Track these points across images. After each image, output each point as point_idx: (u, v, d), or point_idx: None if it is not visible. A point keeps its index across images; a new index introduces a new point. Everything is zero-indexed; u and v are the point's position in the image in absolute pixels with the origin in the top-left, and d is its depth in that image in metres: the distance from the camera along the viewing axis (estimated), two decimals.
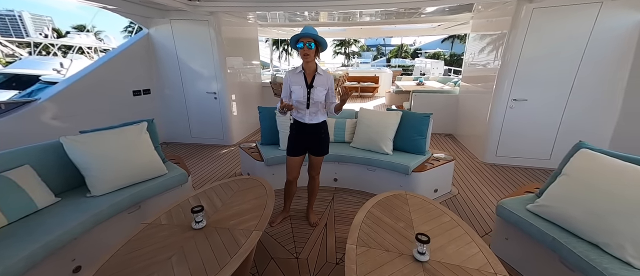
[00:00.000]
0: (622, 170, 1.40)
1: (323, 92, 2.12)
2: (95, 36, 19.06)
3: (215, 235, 1.60)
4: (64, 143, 2.00)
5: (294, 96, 2.15)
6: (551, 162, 3.77)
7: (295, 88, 2.12)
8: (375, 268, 1.31)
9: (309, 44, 1.97)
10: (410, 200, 1.94)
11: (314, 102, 2.11)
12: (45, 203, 1.85)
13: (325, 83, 2.12)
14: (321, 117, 2.20)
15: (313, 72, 2.10)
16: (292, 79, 2.14)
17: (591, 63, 3.30)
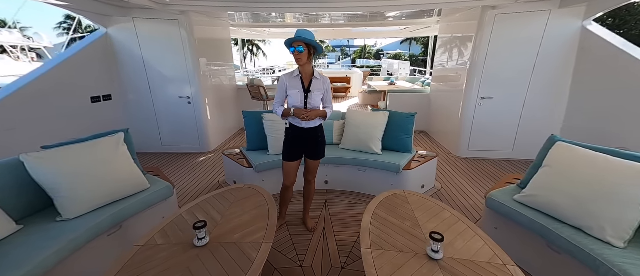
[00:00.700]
0: (595, 160, 1.61)
1: (320, 96, 2.11)
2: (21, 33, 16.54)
3: (221, 251, 1.50)
4: (26, 162, 1.72)
5: (291, 101, 2.10)
6: (514, 153, 4.18)
7: (292, 93, 2.07)
8: (395, 270, 1.33)
9: (299, 48, 1.92)
10: (410, 199, 2.01)
11: (312, 106, 2.08)
12: (5, 233, 1.58)
13: (322, 88, 2.10)
14: (318, 121, 2.18)
15: (310, 76, 2.07)
16: (288, 83, 2.09)
17: (543, 65, 3.72)
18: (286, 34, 8.91)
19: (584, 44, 3.56)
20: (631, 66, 3.04)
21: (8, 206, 1.70)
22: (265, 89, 4.93)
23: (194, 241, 1.54)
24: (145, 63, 4.06)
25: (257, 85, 4.90)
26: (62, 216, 1.75)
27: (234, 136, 5.41)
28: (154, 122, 4.37)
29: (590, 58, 3.51)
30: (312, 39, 1.90)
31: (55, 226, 1.71)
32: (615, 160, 1.56)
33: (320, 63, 28.51)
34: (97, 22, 3.85)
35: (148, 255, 1.46)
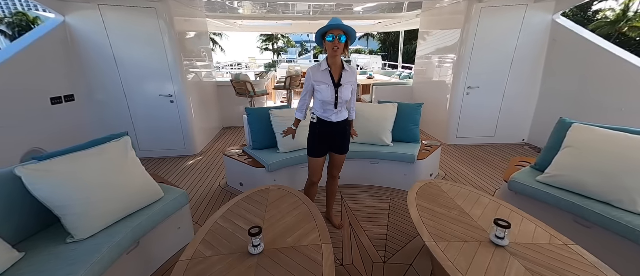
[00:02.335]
0: (617, 137, 1.78)
1: (350, 90, 1.98)
2: None
3: (282, 257, 1.37)
4: (24, 177, 1.40)
5: (320, 96, 1.95)
6: (495, 138, 4.52)
7: (322, 88, 1.92)
8: (469, 261, 1.31)
9: (340, 37, 1.78)
10: (444, 188, 2.03)
11: (342, 101, 1.96)
12: (7, 264, 1.27)
13: (352, 80, 1.98)
14: (346, 114, 2.08)
15: (340, 69, 1.93)
16: (316, 78, 1.94)
17: (521, 55, 4.05)
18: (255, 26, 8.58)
19: (555, 35, 3.95)
20: (595, 53, 3.45)
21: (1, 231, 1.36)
22: (253, 85, 4.64)
23: (249, 249, 1.39)
24: (116, 58, 3.54)
25: (244, 81, 4.60)
26: (74, 237, 1.46)
27: (219, 136, 5.03)
28: (130, 125, 3.85)
29: (559, 48, 3.91)
30: (350, 27, 1.78)
31: (67, 249, 1.43)
32: (635, 136, 1.73)
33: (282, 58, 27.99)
34: (52, 7, 3.23)
35: (202, 270, 1.29)
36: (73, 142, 3.15)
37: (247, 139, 3.21)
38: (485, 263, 1.29)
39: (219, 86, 5.43)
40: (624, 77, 3.20)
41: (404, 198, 2.78)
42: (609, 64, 3.34)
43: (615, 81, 3.29)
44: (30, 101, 2.94)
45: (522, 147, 4.40)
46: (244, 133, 5.14)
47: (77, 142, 3.24)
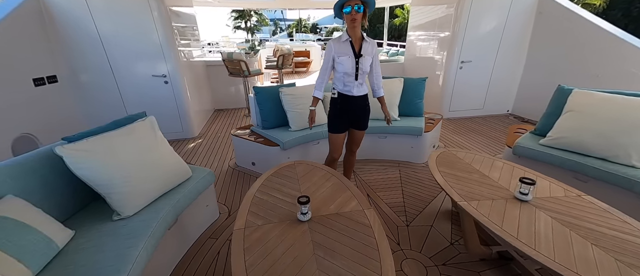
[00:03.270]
0: (614, 99, 1.98)
1: (369, 60, 1.99)
2: None
3: (331, 222, 1.44)
4: (66, 157, 1.37)
5: (341, 69, 1.96)
6: (484, 110, 4.79)
7: (343, 59, 1.93)
8: (501, 215, 1.45)
9: (357, 7, 1.78)
10: (459, 155, 2.17)
11: (362, 72, 1.98)
12: (65, 240, 1.29)
13: (371, 51, 1.99)
14: (366, 89, 2.10)
15: (360, 39, 1.94)
16: (337, 50, 1.94)
17: (510, 29, 4.23)
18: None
19: (542, 8, 4.14)
20: (580, 24, 3.70)
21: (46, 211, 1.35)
22: (247, 64, 4.48)
23: (297, 216, 1.45)
24: (101, 35, 3.24)
25: (237, 60, 4.41)
26: (120, 214, 1.47)
27: (213, 118, 4.87)
28: (121, 108, 3.61)
29: (544, 20, 4.13)
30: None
31: (117, 225, 1.45)
32: (631, 98, 1.94)
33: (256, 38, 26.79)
34: None
35: (259, 236, 1.35)
36: (63, 126, 3.01)
37: (253, 119, 3.16)
38: (516, 217, 1.43)
39: (208, 66, 5.18)
40: (601, 45, 3.48)
41: (413, 168, 2.94)
42: (589, 33, 3.61)
43: (594, 50, 3.57)
44: (12, 83, 2.65)
45: (507, 117, 4.70)
46: (238, 114, 5.05)
47: (67, 125, 3.09)
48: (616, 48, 3.38)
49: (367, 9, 1.87)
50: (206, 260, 1.82)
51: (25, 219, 1.17)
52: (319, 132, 2.79)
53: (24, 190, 1.33)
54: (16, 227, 1.12)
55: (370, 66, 2.04)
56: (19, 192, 1.30)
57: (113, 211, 1.50)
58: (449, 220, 2.13)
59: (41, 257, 1.14)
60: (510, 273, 1.66)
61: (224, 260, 1.81)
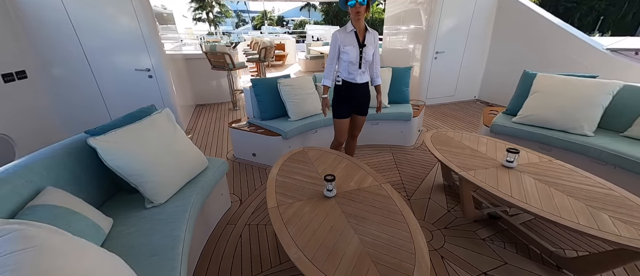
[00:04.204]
0: (571, 81, 2.37)
1: (372, 50, 2.14)
2: None
3: (353, 196, 1.60)
4: (100, 148, 1.37)
5: (346, 58, 2.10)
6: (455, 97, 5.26)
7: (348, 49, 2.07)
8: (495, 180, 1.72)
9: (361, 0, 1.93)
10: (449, 134, 2.44)
11: (366, 61, 2.13)
12: (108, 227, 1.32)
13: (373, 41, 2.14)
14: (368, 76, 2.26)
15: (363, 30, 2.09)
16: (343, 40, 2.08)
17: (476, 21, 4.68)
18: None
19: (501, 3, 4.64)
20: (533, 18, 4.23)
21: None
22: (232, 57, 4.41)
23: (324, 193, 1.59)
24: (74, 26, 3.00)
25: (221, 53, 4.32)
26: (153, 202, 1.51)
27: (196, 114, 4.74)
28: (100, 104, 3.40)
29: (504, 14, 4.64)
30: None
31: (153, 212, 1.49)
32: (582, 79, 2.35)
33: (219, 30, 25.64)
34: None
35: (294, 212, 1.48)
36: (40, 125, 2.78)
37: (249, 111, 3.18)
38: (507, 180, 1.71)
39: (188, 59, 4.98)
40: (550, 36, 4.04)
41: (404, 151, 3.20)
42: (540, 26, 4.16)
43: (545, 40, 4.13)
44: None
45: (475, 103, 5.22)
46: (222, 109, 4.95)
47: (45, 124, 2.90)
48: (562, 38, 3.95)
49: (371, 2, 2.02)
50: (230, 243, 1.88)
51: (72, 207, 1.17)
52: (316, 121, 2.91)
53: (57, 182, 1.31)
54: (68, 214, 1.12)
55: (372, 55, 2.19)
56: (54, 184, 1.28)
57: (145, 199, 1.52)
58: (443, 192, 2.41)
59: (96, 242, 1.16)
60: (498, 228, 1.97)
61: (247, 243, 1.89)
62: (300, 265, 1.17)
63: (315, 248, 1.24)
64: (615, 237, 1.23)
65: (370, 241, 1.27)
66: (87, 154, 1.56)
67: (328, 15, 30.54)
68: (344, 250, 1.23)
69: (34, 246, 0.70)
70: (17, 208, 1.12)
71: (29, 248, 0.68)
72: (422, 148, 3.28)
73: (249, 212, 2.21)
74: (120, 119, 1.65)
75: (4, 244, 0.67)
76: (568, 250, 1.78)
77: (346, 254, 1.21)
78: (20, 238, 0.69)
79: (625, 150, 1.98)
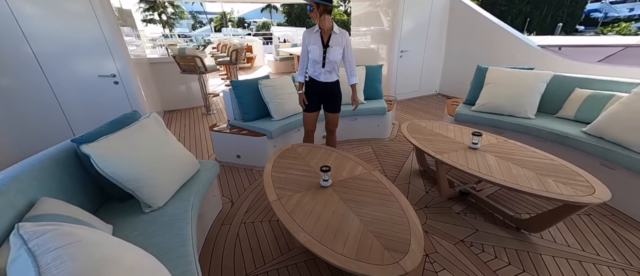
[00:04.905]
0: (514, 73, 2.79)
1: (339, 50, 2.20)
2: None
3: (347, 184, 1.75)
4: (95, 156, 1.33)
5: (311, 55, 2.23)
6: (419, 92, 5.72)
7: (312, 48, 2.20)
8: (465, 160, 1.99)
9: (309, 7, 2.06)
10: (422, 124, 2.72)
11: (330, 61, 2.20)
12: (110, 233, 1.30)
13: (341, 42, 2.19)
14: (335, 76, 2.34)
15: (329, 31, 2.15)
16: (309, 39, 2.21)
17: (433, 23, 5.16)
18: None
19: (453, 5, 5.17)
20: (479, 19, 4.80)
21: None
22: (203, 60, 4.30)
23: (320, 183, 1.71)
24: (23, 28, 2.72)
25: (191, 56, 4.20)
26: (151, 206, 1.50)
27: (167, 120, 4.53)
28: (59, 116, 3.12)
29: (455, 16, 5.18)
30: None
31: (153, 216, 1.49)
32: (523, 71, 2.78)
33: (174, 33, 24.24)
34: None
35: (297, 201, 1.58)
36: None
37: (229, 114, 3.17)
38: (474, 159, 1.99)
39: (152, 63, 4.74)
40: (495, 35, 4.63)
41: (382, 143, 3.45)
42: (486, 27, 4.74)
43: (490, 39, 4.71)
44: None
45: (437, 96, 5.73)
46: (194, 114, 4.80)
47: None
48: (504, 37, 4.55)
49: (324, 7, 2.04)
50: (229, 242, 1.91)
51: (75, 215, 1.14)
52: (299, 119, 3.01)
53: (48, 193, 1.25)
54: (74, 222, 1.09)
55: (342, 56, 2.27)
56: (46, 194, 1.22)
57: (142, 204, 1.51)
58: (420, 177, 2.68)
59: None
60: (469, 203, 2.26)
61: (246, 240, 1.94)
62: (311, 246, 1.28)
63: (322, 231, 1.36)
64: (560, 196, 1.54)
65: (370, 220, 1.42)
66: (75, 163, 1.50)
67: (291, 16, 30.54)
68: (348, 230, 1.37)
69: (78, 241, 0.72)
70: (14, 220, 1.07)
71: (74, 242, 0.71)
72: (397, 139, 3.56)
73: (242, 211, 2.25)
74: (105, 126, 1.61)
75: (47, 241, 0.68)
76: (523, 214, 2.12)
77: (350, 233, 1.35)
78: (61, 235, 0.71)
79: (559, 128, 2.41)
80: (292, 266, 1.73)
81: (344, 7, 24.25)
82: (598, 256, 1.71)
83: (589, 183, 1.63)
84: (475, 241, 1.87)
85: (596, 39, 12.95)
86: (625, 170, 1.97)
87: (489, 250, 1.79)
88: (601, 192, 1.54)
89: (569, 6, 21.39)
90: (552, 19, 21.43)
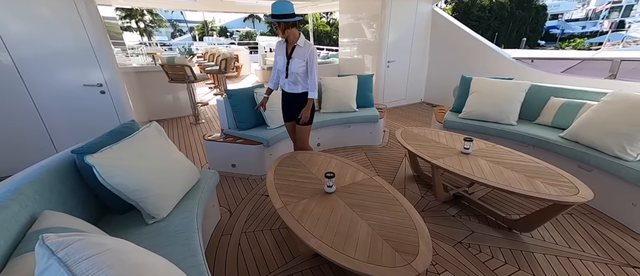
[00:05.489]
0: (495, 82, 2.99)
1: (301, 63, 2.19)
2: None
3: (351, 189, 1.79)
4: (99, 166, 1.29)
5: (277, 65, 2.32)
6: (406, 100, 5.93)
7: (278, 58, 2.30)
8: (458, 164, 2.09)
9: (273, 25, 2.14)
10: (414, 130, 2.83)
11: (291, 72, 2.22)
12: None
13: (304, 55, 2.18)
14: (300, 88, 2.31)
15: (293, 43, 2.20)
16: (277, 49, 2.31)
17: (417, 35, 5.42)
18: None
19: (435, 20, 5.47)
20: (459, 33, 5.11)
21: None
22: (192, 69, 4.25)
23: (325, 189, 1.74)
24: (1, 33, 2.59)
25: (181, 65, 4.13)
26: (155, 217, 1.46)
27: None
28: (40, 129, 2.95)
29: (437, 30, 5.48)
30: (278, 13, 2.04)
31: (158, 227, 1.45)
32: (504, 81, 2.99)
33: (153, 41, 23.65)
34: None
35: (303, 208, 1.60)
36: None
37: (223, 122, 3.14)
38: (467, 163, 2.10)
39: (137, 72, 4.60)
40: (473, 47, 4.94)
41: (375, 150, 3.53)
42: (465, 39, 5.05)
43: (469, 51, 5.02)
44: None
45: (422, 104, 5.96)
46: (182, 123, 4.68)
47: None
48: (481, 49, 4.87)
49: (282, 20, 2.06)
50: (231, 252, 1.88)
51: (81, 228, 1.09)
52: None
53: (49, 205, 1.19)
54: None
55: (305, 69, 2.22)
56: (47, 207, 1.16)
57: (145, 215, 1.47)
58: (414, 182, 2.77)
59: None
60: (463, 206, 2.36)
61: (248, 250, 1.91)
62: (323, 251, 1.30)
63: (332, 236, 1.38)
64: (549, 196, 1.66)
65: (377, 224, 1.46)
66: (74, 175, 1.44)
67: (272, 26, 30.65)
68: (357, 234, 1.40)
69: (108, 249, 0.70)
70: (19, 235, 1.01)
71: (105, 251, 0.69)
72: (389, 146, 3.66)
73: (242, 221, 2.21)
74: (104, 137, 1.57)
75: (77, 251, 0.66)
76: (513, 214, 2.24)
77: (360, 237, 1.38)
78: (89, 244, 0.69)
79: (539, 134, 2.60)
80: (297, 274, 1.72)
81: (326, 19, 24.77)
82: (583, 252, 1.84)
83: (573, 184, 1.77)
84: (472, 242, 1.95)
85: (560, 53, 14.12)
86: (600, 171, 2.15)
87: (486, 251, 1.87)
88: (585, 192, 1.68)
89: (531, 23, 23.45)
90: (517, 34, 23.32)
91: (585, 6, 32.76)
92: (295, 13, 2.11)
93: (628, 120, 2.05)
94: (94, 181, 1.39)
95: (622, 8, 29.52)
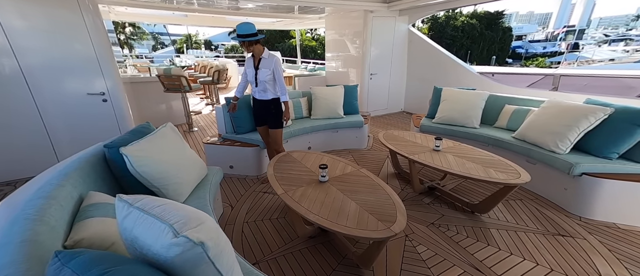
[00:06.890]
0: (462, 92, 3.49)
1: (267, 72, 2.53)
2: None
3: (342, 179, 2.11)
4: (131, 157, 1.54)
5: (247, 76, 2.69)
6: (388, 109, 6.41)
7: (248, 71, 2.67)
8: (431, 159, 2.50)
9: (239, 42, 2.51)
10: (395, 133, 3.23)
11: (260, 81, 2.58)
12: None
13: (269, 65, 2.53)
14: (270, 95, 2.65)
15: (258, 56, 2.55)
16: (247, 63, 2.68)
17: (396, 51, 5.98)
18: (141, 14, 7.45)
19: (411, 38, 6.08)
20: (431, 50, 5.72)
21: None
22: (188, 79, 4.49)
23: (319, 179, 2.05)
24: (12, 43, 2.76)
25: (177, 76, 4.37)
26: None
27: None
28: (42, 135, 3.08)
29: (413, 47, 6.08)
30: (242, 33, 2.39)
31: None
32: (468, 91, 3.49)
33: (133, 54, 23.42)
34: None
35: (300, 194, 1.89)
36: None
37: (221, 127, 3.40)
38: (438, 159, 2.51)
39: (132, 83, 4.78)
40: (443, 63, 5.54)
41: (360, 152, 3.90)
42: (436, 56, 5.65)
43: (440, 66, 5.62)
44: None
45: (402, 113, 6.47)
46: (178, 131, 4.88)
47: None
48: (451, 65, 5.48)
49: (247, 38, 2.41)
50: (235, 238, 2.14)
51: None
52: (287, 131, 3.36)
53: (91, 188, 1.43)
54: None
55: (272, 77, 2.57)
56: (89, 190, 1.41)
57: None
58: (395, 178, 3.14)
59: None
60: (435, 196, 2.75)
61: (251, 235, 2.17)
62: (321, 223, 1.61)
63: (327, 212, 1.70)
64: (498, 179, 2.08)
65: (363, 203, 1.79)
66: (103, 165, 1.67)
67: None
68: (348, 211, 1.72)
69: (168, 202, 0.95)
70: (74, 208, 1.25)
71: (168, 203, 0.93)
72: (374, 148, 4.05)
73: (243, 213, 2.47)
74: (127, 135, 1.80)
75: (148, 203, 0.87)
76: (475, 201, 2.66)
77: (350, 212, 1.70)
78: (154, 200, 0.91)
79: (496, 135, 3.07)
80: (296, 252, 2.01)
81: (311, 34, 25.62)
82: (527, 226, 2.27)
83: (517, 171, 2.20)
84: (442, 223, 2.33)
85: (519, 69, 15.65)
86: (542, 164, 2.63)
87: (453, 229, 2.25)
88: (524, 176, 2.11)
89: (499, 42, 25.84)
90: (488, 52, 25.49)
91: (545, 29, 36.44)
92: (257, 32, 2.46)
93: (559, 122, 2.55)
94: (120, 171, 1.64)
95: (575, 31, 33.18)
